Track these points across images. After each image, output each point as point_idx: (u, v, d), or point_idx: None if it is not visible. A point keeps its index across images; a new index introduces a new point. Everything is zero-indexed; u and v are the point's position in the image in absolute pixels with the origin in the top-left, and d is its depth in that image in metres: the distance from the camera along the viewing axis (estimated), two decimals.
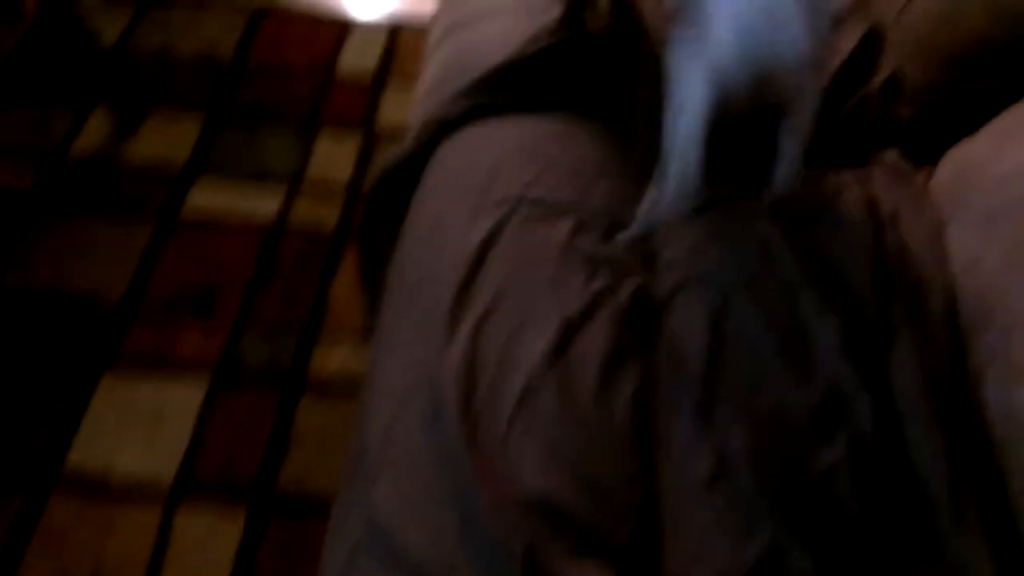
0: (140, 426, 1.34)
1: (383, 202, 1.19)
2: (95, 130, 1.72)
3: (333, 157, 1.72)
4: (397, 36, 1.97)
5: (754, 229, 0.96)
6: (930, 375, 0.85)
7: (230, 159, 1.70)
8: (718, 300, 0.91)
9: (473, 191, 1.04)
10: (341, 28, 1.98)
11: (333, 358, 1.43)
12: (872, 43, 1.14)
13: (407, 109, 1.42)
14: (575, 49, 1.16)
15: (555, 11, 1.18)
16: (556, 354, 0.86)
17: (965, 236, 0.93)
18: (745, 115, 0.95)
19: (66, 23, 1.61)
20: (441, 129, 1.16)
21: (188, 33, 1.93)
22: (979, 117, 1.01)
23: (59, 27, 1.60)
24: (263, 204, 1.62)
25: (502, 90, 1.14)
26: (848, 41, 1.12)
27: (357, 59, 1.91)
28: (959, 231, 0.94)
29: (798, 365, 0.86)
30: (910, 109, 1.09)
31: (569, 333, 0.87)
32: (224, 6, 1.99)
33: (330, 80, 1.86)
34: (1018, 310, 0.82)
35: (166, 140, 1.71)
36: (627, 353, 0.88)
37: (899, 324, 0.87)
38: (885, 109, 1.07)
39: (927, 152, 1.06)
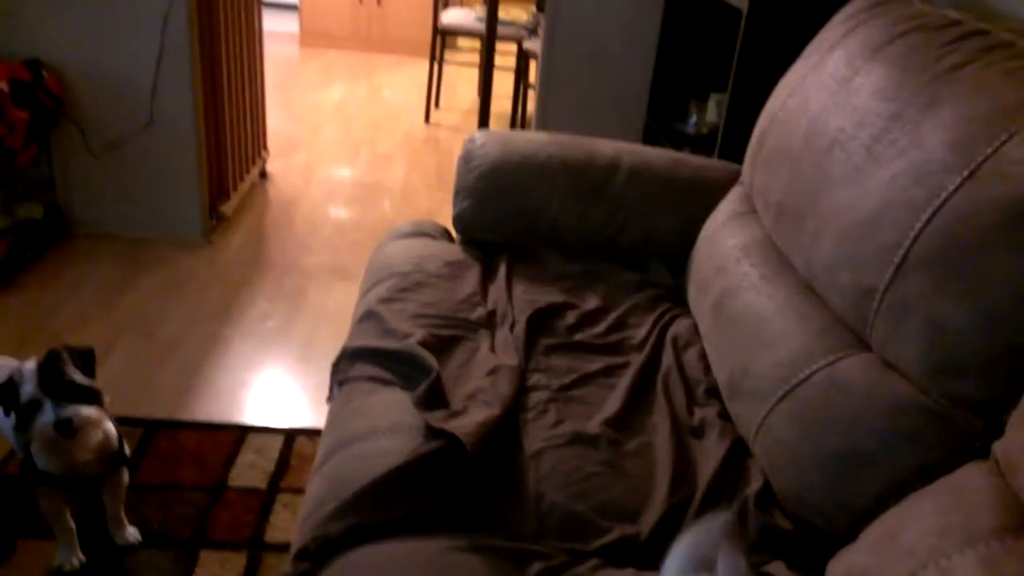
0: None
1: None
2: None
3: None
4: (292, 444, 1.97)
5: None
6: None
7: None
8: None
9: None
10: (237, 437, 1.98)
11: None
12: (739, 455, 1.18)
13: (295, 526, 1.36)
14: (444, 460, 1.16)
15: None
16: None
17: None
18: None
19: None
20: (319, 553, 1.11)
21: None
22: (855, 523, 1.02)
23: None
24: None
25: (375, 506, 1.12)
26: (713, 455, 1.17)
27: (250, 471, 1.87)
28: None
29: None
30: (789, 520, 1.10)
31: None
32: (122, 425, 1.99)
33: (220, 496, 1.80)
34: None
35: (35, 571, 1.58)
36: None
37: None
38: (764, 521, 1.08)
39: (811, 563, 1.05)
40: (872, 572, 0.90)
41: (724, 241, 1.56)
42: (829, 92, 1.38)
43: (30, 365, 1.42)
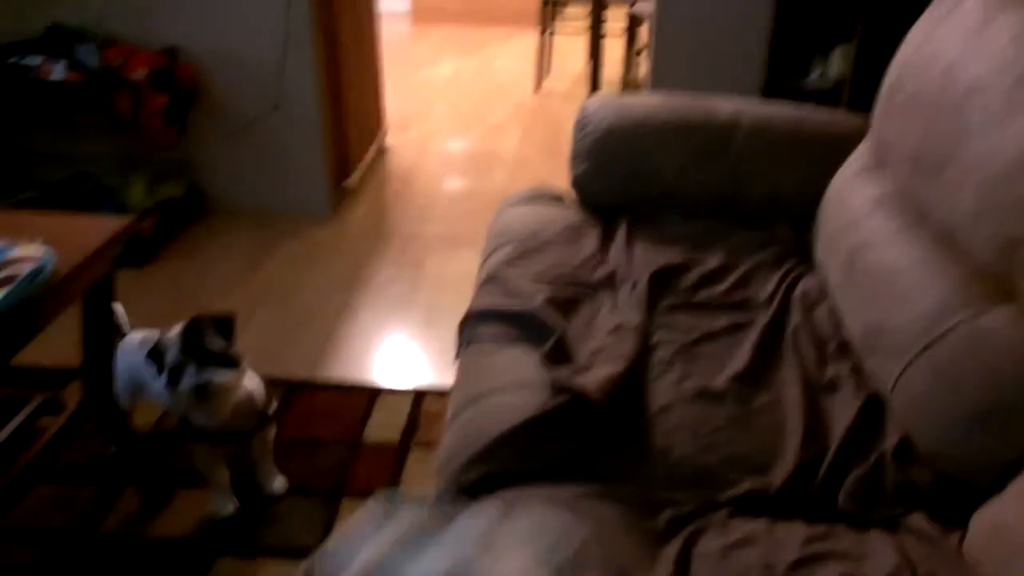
0: None
1: None
2: (123, 508, 1.74)
3: None
4: (421, 403, 2.06)
5: None
6: None
7: (254, 534, 1.69)
8: None
9: None
10: (369, 397, 2.08)
11: None
12: (874, 410, 1.16)
13: (429, 477, 1.43)
14: (570, 416, 1.19)
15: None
16: None
17: None
18: None
19: (105, 410, 1.70)
20: (455, 499, 1.16)
21: None
22: (1000, 476, 0.99)
23: (99, 414, 1.69)
24: None
25: (505, 457, 1.16)
26: (846, 410, 1.15)
27: (382, 428, 1.97)
28: None
29: None
30: (928, 472, 1.08)
31: None
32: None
33: (356, 450, 1.90)
34: None
35: (192, 518, 1.73)
36: None
37: None
38: (902, 474, 1.06)
39: (955, 514, 1.03)
40: (1020, 525, 0.88)
41: (855, 196, 1.51)
42: (964, 39, 1.32)
43: (175, 331, 1.53)
